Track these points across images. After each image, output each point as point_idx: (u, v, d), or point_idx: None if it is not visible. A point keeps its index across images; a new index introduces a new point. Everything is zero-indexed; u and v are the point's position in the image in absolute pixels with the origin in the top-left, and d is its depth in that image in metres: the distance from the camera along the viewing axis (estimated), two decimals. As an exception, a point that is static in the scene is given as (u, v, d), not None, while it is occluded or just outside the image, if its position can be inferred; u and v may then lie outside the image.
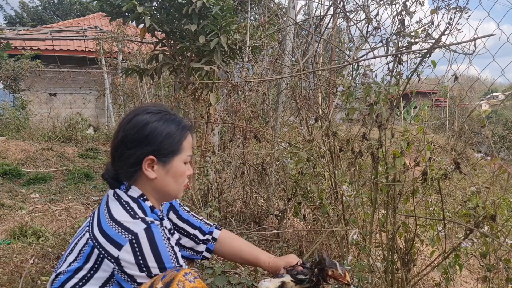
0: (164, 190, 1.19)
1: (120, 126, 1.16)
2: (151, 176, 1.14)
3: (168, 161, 1.16)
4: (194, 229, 1.44)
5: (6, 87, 8.67)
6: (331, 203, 2.19)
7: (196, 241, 1.44)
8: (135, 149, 1.12)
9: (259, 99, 3.22)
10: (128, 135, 1.13)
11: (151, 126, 1.13)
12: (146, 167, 1.13)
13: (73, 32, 10.96)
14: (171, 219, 1.43)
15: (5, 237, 2.84)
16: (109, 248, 1.02)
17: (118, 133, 1.16)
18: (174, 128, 1.17)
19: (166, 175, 1.16)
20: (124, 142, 1.13)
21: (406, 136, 1.70)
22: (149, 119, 1.14)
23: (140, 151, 1.12)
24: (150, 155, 1.13)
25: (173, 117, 1.19)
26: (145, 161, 1.13)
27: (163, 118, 1.17)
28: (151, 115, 1.15)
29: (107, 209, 1.11)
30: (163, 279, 0.97)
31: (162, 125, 1.15)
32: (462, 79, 2.01)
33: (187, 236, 1.44)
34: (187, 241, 1.44)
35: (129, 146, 1.13)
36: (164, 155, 1.15)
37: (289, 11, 3.39)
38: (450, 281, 1.74)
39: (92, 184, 4.68)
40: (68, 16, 20.39)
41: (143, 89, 7.08)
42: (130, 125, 1.14)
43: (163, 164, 1.15)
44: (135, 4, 2.87)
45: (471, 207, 1.60)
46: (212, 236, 1.46)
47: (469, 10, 1.66)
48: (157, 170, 1.15)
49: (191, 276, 0.99)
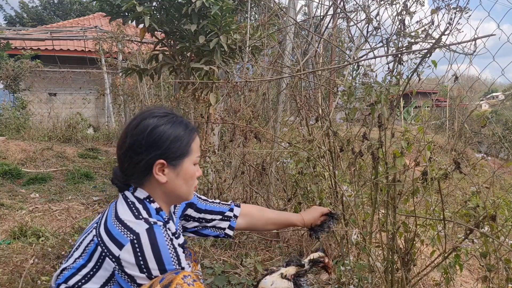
0: (174, 193, 1.19)
1: (127, 131, 1.15)
2: (162, 180, 1.14)
3: (178, 164, 1.16)
4: (215, 215, 1.49)
5: (6, 87, 8.68)
6: (331, 203, 2.18)
7: (216, 220, 1.49)
8: (145, 154, 1.12)
9: (259, 99, 3.22)
10: (137, 141, 1.12)
11: (159, 130, 1.13)
12: (156, 171, 1.13)
13: (73, 32, 10.96)
14: (190, 215, 1.46)
15: (5, 237, 2.84)
16: (111, 246, 1.03)
17: (125, 138, 1.15)
18: (182, 131, 1.17)
19: (176, 178, 1.16)
20: (132, 148, 1.12)
21: (406, 136, 1.70)
22: (156, 123, 1.14)
23: (149, 156, 1.12)
24: (160, 159, 1.12)
25: (180, 120, 1.19)
26: (156, 166, 1.12)
27: (170, 121, 1.16)
28: (158, 118, 1.15)
29: (115, 209, 1.12)
30: (162, 281, 0.97)
31: (170, 128, 1.15)
32: (462, 79, 2.01)
33: (209, 221, 1.49)
34: (208, 223, 1.49)
35: (138, 151, 1.12)
36: (174, 159, 1.14)
37: (289, 11, 3.39)
38: (450, 281, 1.74)
39: (92, 184, 4.68)
40: (68, 16, 20.39)
41: (143, 89, 7.07)
42: (137, 130, 1.13)
43: (174, 167, 1.15)
44: (134, 4, 2.87)
45: (471, 207, 1.59)
46: (233, 213, 1.51)
47: (469, 10, 1.66)
48: (168, 173, 1.15)
49: (189, 279, 0.98)
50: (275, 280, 1.18)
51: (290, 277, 1.22)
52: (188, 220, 1.46)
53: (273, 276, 1.21)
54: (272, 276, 1.21)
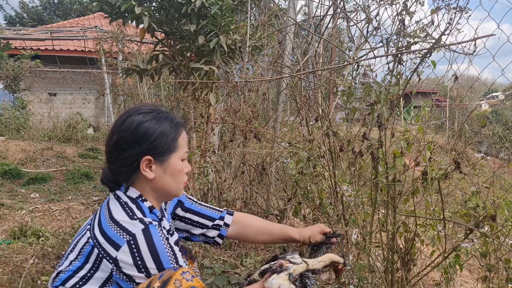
0: (163, 189, 1.18)
1: (114, 129, 1.15)
2: (150, 176, 1.14)
3: (164, 159, 1.15)
4: (200, 217, 1.45)
5: (6, 87, 8.68)
6: (331, 203, 2.18)
7: (204, 227, 1.45)
8: (131, 150, 1.12)
9: (259, 99, 3.22)
10: (123, 137, 1.12)
11: (144, 126, 1.13)
12: (143, 167, 1.13)
13: (73, 32, 10.96)
14: (177, 213, 1.43)
15: (5, 237, 2.84)
16: (108, 248, 1.03)
17: (112, 135, 1.15)
18: (168, 126, 1.16)
19: (164, 174, 1.16)
20: (119, 145, 1.12)
21: (406, 136, 1.70)
22: (141, 119, 1.14)
23: (135, 152, 1.12)
24: (146, 155, 1.12)
25: (165, 115, 1.19)
26: (142, 162, 1.12)
27: (156, 117, 1.16)
28: (143, 115, 1.15)
29: (108, 209, 1.11)
30: (161, 278, 0.98)
31: (155, 124, 1.14)
32: (462, 79, 2.01)
33: (194, 224, 1.44)
34: (195, 229, 1.45)
35: (124, 148, 1.12)
36: (160, 154, 1.14)
37: (289, 11, 3.39)
38: (450, 281, 1.74)
39: (92, 184, 4.68)
40: (68, 16, 20.38)
41: (143, 89, 7.07)
42: (123, 127, 1.13)
43: (160, 163, 1.15)
44: (133, 4, 2.87)
45: (471, 207, 1.59)
46: (224, 222, 1.46)
47: (469, 10, 1.66)
48: (155, 169, 1.15)
49: (188, 275, 0.99)
50: (282, 283, 1.15)
51: (297, 276, 1.19)
52: (175, 219, 1.44)
53: (280, 277, 1.17)
54: (280, 277, 1.17)
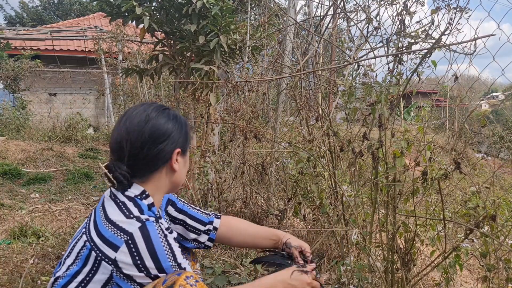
0: (177, 181, 1.19)
1: (139, 125, 1.10)
2: (177, 168, 1.14)
3: (186, 151, 1.18)
4: (194, 221, 1.44)
5: (6, 87, 8.68)
6: (331, 203, 2.19)
7: (197, 233, 1.44)
8: (167, 142, 1.11)
9: (259, 99, 3.22)
10: (156, 131, 1.10)
11: (176, 118, 1.15)
12: (175, 160, 1.13)
13: (73, 32, 10.96)
14: (169, 213, 1.42)
15: (5, 237, 2.84)
16: (106, 250, 1.01)
17: (141, 130, 1.09)
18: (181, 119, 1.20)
19: (184, 166, 1.19)
20: (153, 137, 1.09)
21: (407, 136, 1.70)
22: (170, 112, 1.16)
23: (171, 143, 1.12)
24: (178, 147, 1.14)
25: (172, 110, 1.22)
26: (175, 154, 1.13)
27: (171, 110, 1.19)
28: (162, 108, 1.17)
29: (103, 210, 1.09)
30: (164, 283, 0.96)
31: (179, 116, 1.18)
32: (462, 79, 2.01)
33: (188, 228, 1.43)
34: (189, 234, 1.44)
35: (159, 140, 1.10)
36: (185, 146, 1.17)
37: (289, 11, 3.39)
38: (450, 281, 1.74)
39: (92, 184, 4.68)
40: (68, 16, 20.39)
41: (143, 89, 7.08)
42: (158, 119, 1.12)
43: (183, 155, 1.17)
44: (134, 4, 2.87)
45: (471, 207, 1.60)
46: (212, 225, 1.46)
47: (469, 10, 1.66)
48: (180, 162, 1.16)
49: (192, 279, 0.98)
50: None
51: None
52: (170, 221, 1.44)
53: None
54: None
